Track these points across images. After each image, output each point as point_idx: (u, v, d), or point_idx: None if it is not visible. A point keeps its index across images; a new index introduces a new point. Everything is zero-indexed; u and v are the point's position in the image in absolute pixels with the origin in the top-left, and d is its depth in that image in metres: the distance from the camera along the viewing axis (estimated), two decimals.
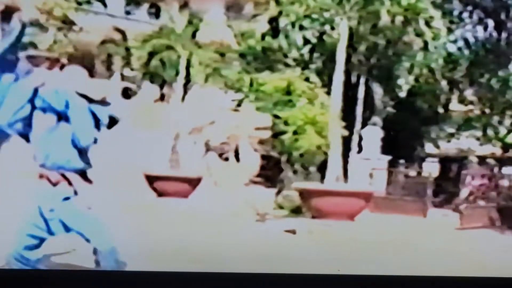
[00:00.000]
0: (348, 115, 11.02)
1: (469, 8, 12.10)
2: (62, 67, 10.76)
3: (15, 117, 4.42)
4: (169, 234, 7.78)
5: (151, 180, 10.48)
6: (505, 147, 11.64)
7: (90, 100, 4.59)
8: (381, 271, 6.36)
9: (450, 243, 8.98)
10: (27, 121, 4.46)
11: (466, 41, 12.29)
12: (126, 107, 10.56)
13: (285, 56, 11.13)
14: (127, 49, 11.08)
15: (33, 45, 10.61)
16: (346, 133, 11.02)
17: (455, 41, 12.17)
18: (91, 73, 10.97)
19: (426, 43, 11.27)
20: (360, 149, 11.35)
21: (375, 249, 8.21)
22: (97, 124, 4.64)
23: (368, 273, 4.64)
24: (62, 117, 4.48)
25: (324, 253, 7.98)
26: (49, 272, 4.22)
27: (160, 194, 10.54)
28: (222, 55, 11.02)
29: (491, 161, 11.33)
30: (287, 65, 11.17)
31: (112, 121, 4.77)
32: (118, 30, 11.30)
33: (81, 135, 4.52)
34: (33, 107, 4.50)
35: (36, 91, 4.48)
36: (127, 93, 11.07)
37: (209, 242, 7.89)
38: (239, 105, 10.98)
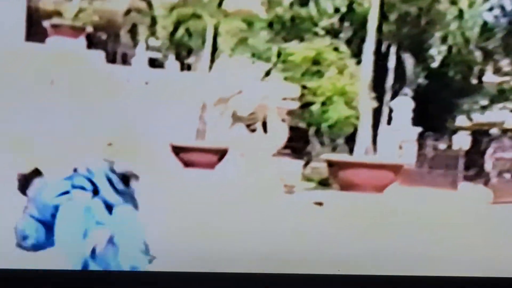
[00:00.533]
0: (378, 86, 11.23)
1: None
2: (87, 36, 11.38)
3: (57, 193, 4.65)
4: (194, 207, 8.21)
5: (177, 150, 10.79)
6: None
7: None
8: (410, 244, 7.26)
9: (482, 217, 9.35)
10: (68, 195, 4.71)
11: (503, 8, 12.16)
12: (153, 76, 11.26)
13: (314, 25, 11.31)
14: (153, 18, 11.29)
15: (58, 13, 11.01)
16: (376, 104, 11.24)
17: (491, 9, 12.07)
18: (116, 42, 11.73)
19: (461, 12, 11.44)
20: (390, 121, 11.53)
21: (404, 222, 8.61)
22: (113, 185, 4.72)
23: (369, 273, 4.84)
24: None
25: (352, 225, 8.33)
26: (50, 272, 4.31)
27: (187, 165, 10.82)
28: (250, 24, 11.18)
29: None
30: (316, 34, 11.31)
31: (125, 178, 4.76)
32: None
33: (109, 198, 4.66)
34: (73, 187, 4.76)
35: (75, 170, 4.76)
36: (153, 63, 11.41)
37: (235, 214, 8.26)
38: (267, 75, 11.14)
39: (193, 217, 7.64)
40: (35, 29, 10.60)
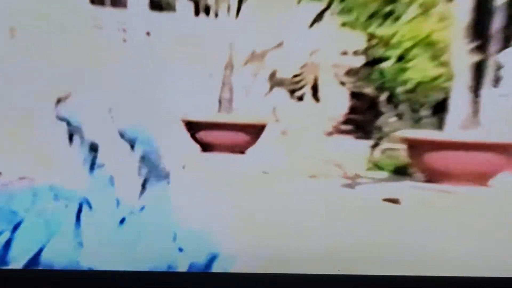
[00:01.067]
0: (480, 31, 10.32)
1: None
2: None
3: None
4: (219, 205, 7.47)
5: (193, 128, 10.17)
6: None
7: None
8: None
9: None
10: None
11: None
12: (157, 24, 10.37)
13: None
14: None
15: None
16: (477, 57, 10.30)
17: None
18: None
19: None
20: (497, 82, 10.49)
21: None
22: None
23: (370, 273, 5.25)
24: None
25: (444, 231, 7.60)
26: (50, 272, 4.89)
27: (206, 148, 10.19)
28: None
29: None
30: None
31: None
32: None
33: None
34: None
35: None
36: (157, 4, 10.55)
37: (275, 216, 7.59)
38: (318, 20, 10.32)
39: (219, 217, 6.96)
40: None
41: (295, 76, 10.39)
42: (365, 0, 10.25)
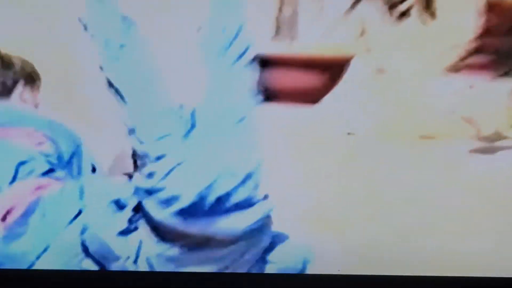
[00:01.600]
0: None
1: None
2: None
3: None
4: (278, 183, 6.68)
5: None
6: None
7: None
8: None
9: None
10: None
11: None
12: None
13: None
14: None
15: None
16: None
17: None
18: None
19: None
20: None
21: None
22: None
23: (369, 273, 5.72)
24: None
25: None
26: (50, 272, 5.50)
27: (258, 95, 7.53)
28: None
29: None
30: None
31: None
32: None
33: None
34: None
35: None
36: None
37: (366, 199, 6.52)
38: None
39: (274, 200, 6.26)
40: None
41: None
42: None
